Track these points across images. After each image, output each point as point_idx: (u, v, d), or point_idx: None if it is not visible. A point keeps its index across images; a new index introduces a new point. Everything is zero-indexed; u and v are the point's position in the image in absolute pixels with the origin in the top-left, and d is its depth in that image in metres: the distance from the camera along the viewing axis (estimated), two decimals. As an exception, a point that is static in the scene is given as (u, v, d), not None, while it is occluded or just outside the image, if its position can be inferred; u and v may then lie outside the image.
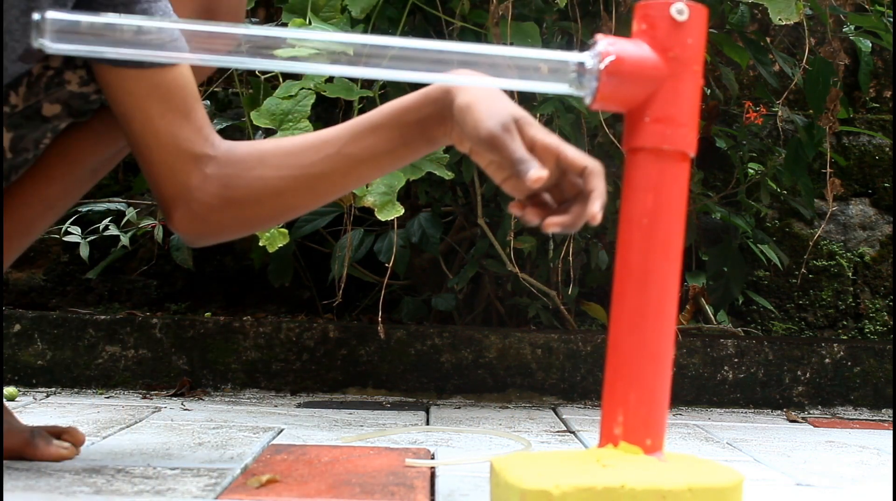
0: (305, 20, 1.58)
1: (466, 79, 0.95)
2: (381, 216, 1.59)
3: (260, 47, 0.88)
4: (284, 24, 1.63)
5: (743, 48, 2.07)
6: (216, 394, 1.96)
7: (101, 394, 1.93)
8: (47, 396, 1.87)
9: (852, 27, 2.18)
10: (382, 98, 1.75)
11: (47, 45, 0.83)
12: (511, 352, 2.02)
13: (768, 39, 2.28)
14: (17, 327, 1.99)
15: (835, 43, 2.00)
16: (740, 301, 2.49)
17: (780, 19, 1.70)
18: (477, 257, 2.12)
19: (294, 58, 0.88)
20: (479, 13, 1.86)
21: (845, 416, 2.03)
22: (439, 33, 1.94)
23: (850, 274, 2.60)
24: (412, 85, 0.96)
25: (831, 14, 2.03)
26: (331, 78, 1.60)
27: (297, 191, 1.08)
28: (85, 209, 2.21)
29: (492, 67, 0.90)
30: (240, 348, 2.01)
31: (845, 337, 2.55)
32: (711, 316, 2.31)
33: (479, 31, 1.84)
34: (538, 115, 1.89)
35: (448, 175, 1.67)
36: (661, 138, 0.89)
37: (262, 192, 1.08)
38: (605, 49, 0.88)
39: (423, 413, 1.77)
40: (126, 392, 1.96)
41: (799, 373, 2.09)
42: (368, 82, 1.70)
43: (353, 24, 1.70)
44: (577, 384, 2.03)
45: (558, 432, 1.59)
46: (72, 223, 2.19)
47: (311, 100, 1.56)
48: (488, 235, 2.03)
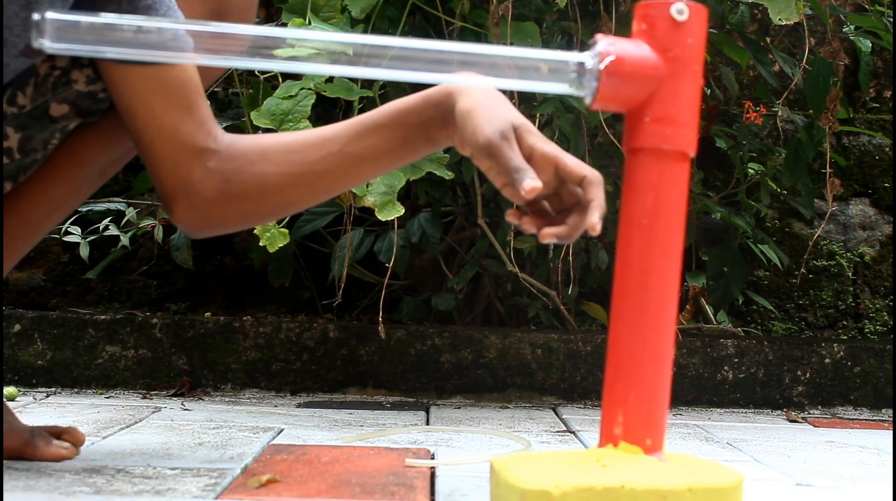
0: (305, 20, 1.58)
1: (469, 81, 0.95)
2: (381, 216, 1.59)
3: (260, 47, 0.88)
4: (284, 24, 1.63)
5: (743, 48, 2.07)
6: (216, 394, 1.96)
7: (101, 394, 1.93)
8: (47, 396, 1.87)
9: (852, 27, 2.18)
10: (382, 98, 1.75)
11: (47, 45, 0.83)
12: (511, 352, 2.02)
13: (768, 39, 2.28)
14: (17, 327, 1.99)
15: (835, 43, 2.00)
16: (740, 301, 2.49)
17: (780, 19, 1.70)
18: (477, 257, 2.12)
19: (294, 58, 0.88)
20: (479, 13, 1.86)
21: (845, 416, 2.03)
22: (439, 33, 1.94)
23: (850, 274, 2.60)
24: (412, 85, 0.97)
25: (831, 14, 2.02)
26: (331, 78, 1.60)
27: (299, 187, 1.09)
28: (85, 209, 2.21)
29: (492, 66, 0.90)
30: (240, 348, 2.01)
31: (845, 337, 2.55)
32: (711, 316, 2.31)
33: (479, 31, 1.84)
34: (538, 115, 1.89)
35: (448, 175, 1.67)
36: (661, 138, 0.89)
37: (263, 187, 1.08)
38: (605, 49, 0.88)
39: (423, 413, 1.77)
40: (126, 392, 1.96)
41: (799, 373, 2.09)
42: (368, 82, 1.70)
43: (353, 24, 1.70)
44: (577, 384, 2.03)
45: (558, 432, 1.59)
46: (72, 223, 2.19)
47: (311, 100, 1.56)
48: (488, 235, 2.03)
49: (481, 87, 1.01)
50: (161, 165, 1.06)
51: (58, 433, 1.18)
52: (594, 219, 0.93)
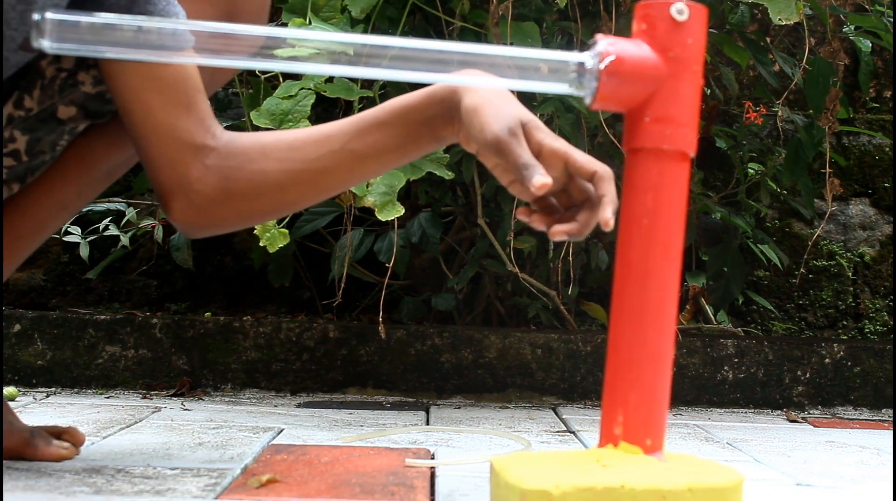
0: (305, 20, 1.58)
1: (473, 79, 0.95)
2: (381, 216, 1.59)
3: (260, 47, 0.88)
4: (284, 24, 1.63)
5: (743, 48, 2.07)
6: (216, 394, 1.96)
7: (101, 394, 1.93)
8: (47, 396, 1.87)
9: (852, 27, 2.18)
10: (382, 98, 1.75)
11: (46, 44, 0.83)
12: (511, 352, 2.02)
13: (768, 39, 2.28)
14: (17, 327, 1.99)
15: (835, 43, 2.00)
16: (740, 301, 2.49)
17: (780, 19, 1.70)
18: (477, 257, 2.12)
19: (294, 58, 0.88)
20: (479, 13, 1.86)
21: (845, 416, 2.03)
22: (439, 33, 1.94)
23: (850, 274, 2.60)
24: (412, 85, 0.96)
25: (831, 14, 2.02)
26: (331, 78, 1.60)
27: (299, 185, 1.07)
28: (85, 209, 2.21)
29: (492, 66, 0.90)
30: (240, 348, 2.01)
31: (845, 337, 2.55)
32: (711, 316, 2.31)
33: (479, 31, 1.84)
34: (538, 115, 1.89)
35: (448, 175, 1.67)
36: (661, 138, 0.89)
37: (263, 185, 1.06)
38: (605, 49, 0.88)
39: (423, 413, 1.77)
40: (126, 392, 1.96)
41: (799, 373, 2.09)
42: (368, 82, 1.70)
43: (353, 24, 1.70)
44: (577, 384, 2.03)
45: (558, 432, 1.59)
46: (72, 223, 2.19)
47: (311, 100, 1.56)
48: (488, 235, 2.03)
49: (486, 83, 1.00)
50: (158, 163, 1.04)
51: (58, 433, 1.18)
52: (607, 214, 0.92)
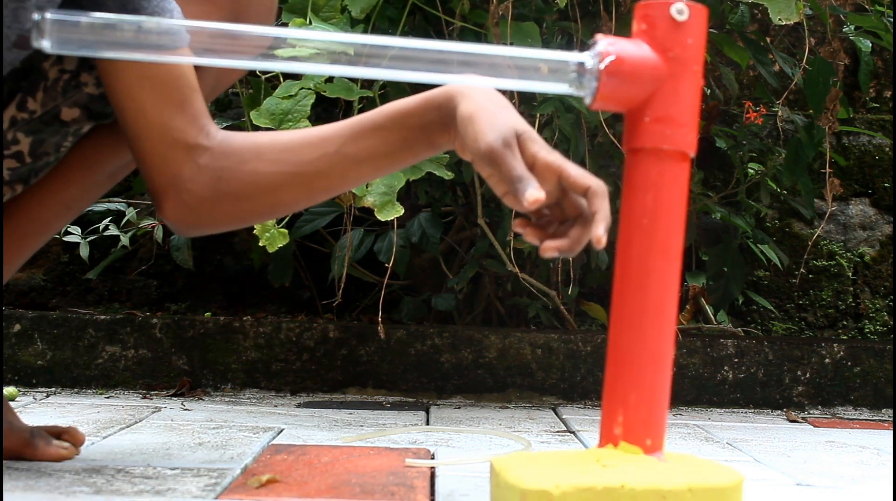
0: (305, 20, 1.58)
1: (471, 84, 0.94)
2: (381, 216, 1.59)
3: (267, 47, 0.88)
4: (284, 24, 1.63)
5: (743, 48, 2.07)
6: (216, 394, 1.96)
7: (101, 394, 1.93)
8: (47, 396, 1.87)
9: (852, 27, 2.18)
10: (382, 98, 1.75)
11: (46, 45, 0.83)
12: (511, 352, 2.02)
13: (768, 39, 2.28)
14: (17, 327, 1.99)
15: (835, 43, 2.00)
16: (740, 301, 2.49)
17: (780, 19, 1.70)
18: (477, 257, 2.12)
19: (294, 58, 0.88)
20: (479, 13, 1.86)
21: (845, 416, 2.03)
22: (439, 33, 1.94)
23: (850, 274, 2.60)
24: (412, 85, 0.96)
25: (831, 14, 2.02)
26: (331, 78, 1.60)
27: (293, 188, 1.06)
28: (85, 210, 2.21)
29: (492, 66, 0.90)
30: (240, 348, 2.01)
31: (845, 337, 2.55)
32: (711, 316, 2.31)
33: (479, 31, 1.84)
34: (538, 115, 1.89)
35: (448, 175, 1.67)
36: (661, 138, 0.89)
37: (256, 186, 1.05)
38: (605, 49, 0.88)
39: (423, 413, 1.77)
40: (126, 392, 1.96)
41: (799, 373, 2.09)
42: (368, 82, 1.70)
43: (353, 24, 1.70)
44: (577, 384, 2.03)
45: (558, 432, 1.59)
46: (72, 223, 2.19)
47: (311, 100, 1.56)
48: (488, 235, 2.03)
49: (484, 90, 0.99)
50: (151, 162, 1.04)
51: (58, 433, 1.18)
52: (599, 231, 0.91)
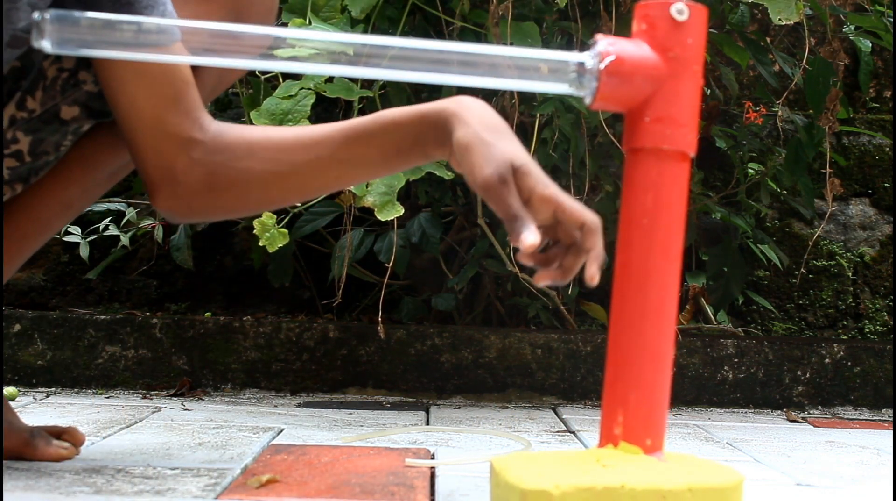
0: (305, 20, 1.58)
1: (466, 104, 0.97)
2: (381, 216, 1.59)
3: (267, 47, 0.88)
4: (284, 24, 1.63)
5: (743, 48, 2.07)
6: (216, 394, 1.96)
7: (101, 394, 1.93)
8: (47, 396, 1.87)
9: (852, 27, 2.18)
10: (382, 98, 1.75)
11: (47, 45, 0.83)
12: (511, 352, 2.02)
13: (768, 39, 2.28)
14: (17, 327, 1.99)
15: (835, 43, 2.00)
16: (740, 301, 2.49)
17: (780, 19, 1.70)
18: (477, 257, 2.12)
19: (294, 58, 0.88)
20: (479, 13, 1.86)
21: (845, 416, 2.03)
22: (439, 33, 1.94)
23: (850, 274, 2.60)
24: (412, 85, 0.97)
25: (831, 14, 2.02)
26: (331, 78, 1.60)
27: (284, 186, 1.08)
28: (85, 209, 2.21)
29: (492, 66, 0.90)
30: (240, 348, 2.01)
31: (845, 337, 2.55)
32: (711, 316, 2.31)
33: (479, 31, 1.84)
34: (538, 115, 1.89)
35: (448, 175, 1.67)
36: (661, 138, 0.89)
37: (248, 183, 1.07)
38: (605, 49, 0.88)
39: (423, 413, 1.77)
40: (126, 392, 1.96)
41: (799, 373, 2.09)
42: (368, 82, 1.70)
43: (353, 24, 1.70)
44: (577, 384, 2.03)
45: (558, 432, 1.59)
46: (72, 223, 2.19)
47: (311, 100, 1.56)
48: (488, 235, 2.03)
49: (479, 111, 1.00)
50: (144, 155, 1.05)
51: (58, 433, 1.18)
52: (593, 270, 0.92)
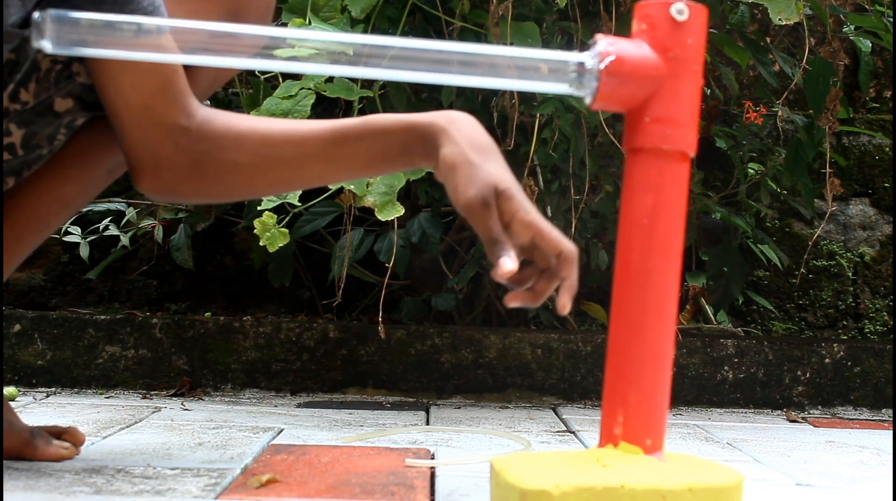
0: (305, 20, 1.58)
1: (455, 119, 0.99)
2: (381, 216, 1.59)
3: (262, 47, 0.88)
4: (284, 24, 1.63)
5: (743, 48, 2.07)
6: (216, 394, 1.96)
7: (101, 394, 1.93)
8: (47, 396, 1.87)
9: (852, 27, 2.18)
10: (382, 98, 1.75)
11: (46, 45, 0.83)
12: (511, 352, 2.02)
13: (768, 39, 2.28)
14: (17, 327, 1.99)
15: (835, 43, 2.00)
16: (740, 301, 2.49)
17: (780, 19, 1.70)
18: (477, 257, 2.12)
19: (294, 58, 0.88)
20: (479, 13, 1.86)
21: (845, 416, 2.03)
22: (439, 33, 1.94)
23: (850, 274, 2.60)
24: (412, 85, 0.97)
25: (831, 14, 2.02)
26: (331, 78, 1.60)
27: (268, 178, 1.09)
28: (85, 209, 2.21)
29: (492, 66, 0.90)
30: (240, 348, 2.01)
31: (845, 337, 2.55)
32: (711, 316, 2.31)
33: (479, 31, 1.84)
34: (538, 115, 1.89)
35: (448, 175, 1.67)
36: (661, 138, 0.89)
37: (232, 174, 1.08)
38: (605, 49, 0.88)
39: (423, 413, 1.77)
40: (126, 392, 1.96)
41: (799, 373, 2.09)
42: (368, 82, 1.70)
43: (353, 24, 1.70)
44: (577, 384, 2.03)
45: (558, 432, 1.59)
46: (72, 223, 2.19)
47: (311, 100, 1.56)
48: (488, 235, 2.03)
49: (468, 129, 1.01)
50: (129, 140, 1.05)
51: (58, 433, 1.18)
52: (565, 299, 0.96)
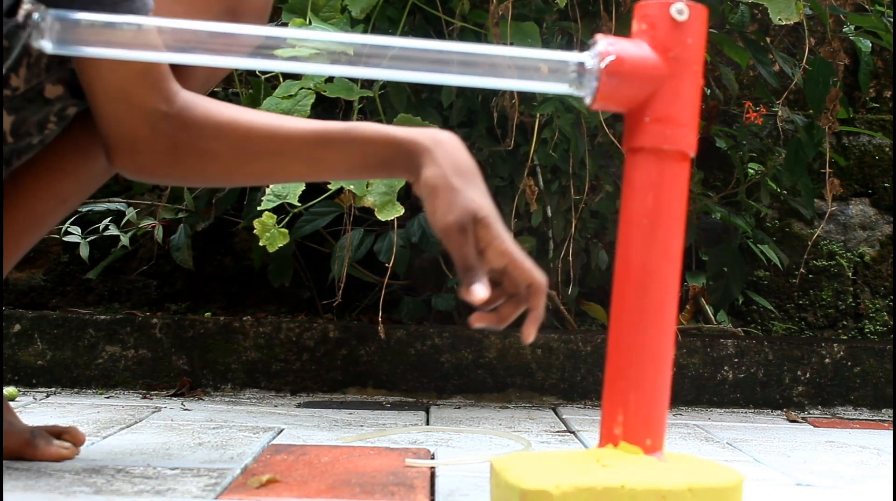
0: (305, 20, 1.58)
1: (440, 140, 1.00)
2: (381, 216, 1.59)
3: (260, 47, 0.88)
4: (284, 24, 1.63)
5: (743, 48, 2.07)
6: (216, 394, 1.96)
7: (101, 394, 1.93)
8: (47, 396, 1.87)
9: (852, 27, 2.18)
10: (382, 98, 1.75)
11: (47, 45, 0.83)
12: (511, 352, 2.02)
13: (768, 39, 2.28)
14: (17, 327, 1.99)
15: (835, 43, 2.00)
16: (740, 301, 2.49)
17: (780, 19, 1.70)
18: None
19: (294, 58, 0.88)
20: (479, 13, 1.86)
21: (845, 416, 2.03)
22: (439, 33, 1.94)
23: (850, 274, 2.60)
24: (412, 85, 0.97)
25: (831, 14, 2.02)
26: (331, 78, 1.60)
27: (245, 171, 1.09)
28: (85, 209, 2.21)
29: (492, 66, 0.90)
30: (240, 348, 2.01)
31: (845, 337, 2.55)
32: (711, 316, 2.31)
33: (479, 31, 1.84)
34: (538, 115, 1.89)
35: (448, 175, 1.67)
36: (661, 138, 0.89)
37: (210, 162, 1.08)
38: (605, 49, 0.88)
39: (423, 413, 1.77)
40: (126, 392, 1.96)
41: (799, 373, 2.09)
42: (368, 82, 1.70)
43: (353, 24, 1.70)
44: (577, 384, 2.03)
45: (558, 432, 1.59)
46: (72, 223, 2.19)
47: (311, 100, 1.56)
48: (488, 235, 2.03)
49: (452, 151, 1.03)
50: (107, 121, 1.05)
51: (58, 433, 1.18)
52: (530, 329, 0.99)
